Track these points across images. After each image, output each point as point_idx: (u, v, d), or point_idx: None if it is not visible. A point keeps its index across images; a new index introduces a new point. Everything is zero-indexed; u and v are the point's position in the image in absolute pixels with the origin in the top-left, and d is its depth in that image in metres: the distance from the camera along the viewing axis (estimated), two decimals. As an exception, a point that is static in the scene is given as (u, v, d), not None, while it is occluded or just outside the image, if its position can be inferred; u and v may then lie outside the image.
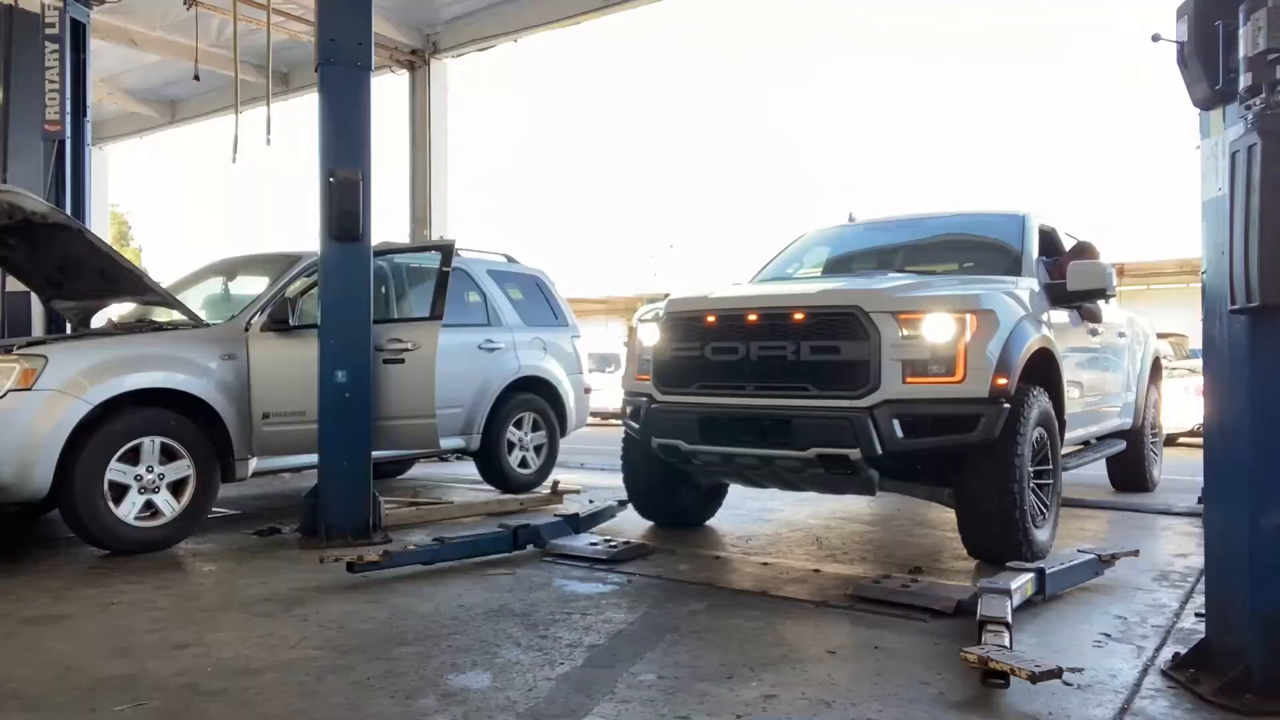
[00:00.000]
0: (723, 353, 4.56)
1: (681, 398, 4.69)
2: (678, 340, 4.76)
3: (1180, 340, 16.60)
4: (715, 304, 4.70)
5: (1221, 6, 2.69)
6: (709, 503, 5.72)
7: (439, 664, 3.07)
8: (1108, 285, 5.17)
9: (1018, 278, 5.05)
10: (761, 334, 4.45)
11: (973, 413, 4.13)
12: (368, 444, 5.22)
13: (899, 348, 4.17)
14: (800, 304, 4.43)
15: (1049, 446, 4.65)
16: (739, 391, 4.48)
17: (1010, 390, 4.21)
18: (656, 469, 5.25)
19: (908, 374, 4.15)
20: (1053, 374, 4.84)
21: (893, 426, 4.11)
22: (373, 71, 5.27)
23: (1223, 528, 2.88)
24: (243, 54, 9.81)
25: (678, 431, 4.67)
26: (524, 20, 10.72)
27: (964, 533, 4.49)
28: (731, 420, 4.48)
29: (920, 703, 2.73)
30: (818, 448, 4.23)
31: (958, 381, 4.14)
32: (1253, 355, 2.71)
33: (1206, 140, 2.90)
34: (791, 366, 4.34)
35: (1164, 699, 2.79)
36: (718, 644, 3.29)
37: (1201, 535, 4.13)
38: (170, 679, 2.93)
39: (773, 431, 4.35)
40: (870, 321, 4.20)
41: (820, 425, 4.22)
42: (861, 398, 4.16)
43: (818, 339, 4.30)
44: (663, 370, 4.81)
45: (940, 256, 5.88)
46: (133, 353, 5.00)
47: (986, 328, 4.23)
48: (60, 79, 7.63)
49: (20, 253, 5.78)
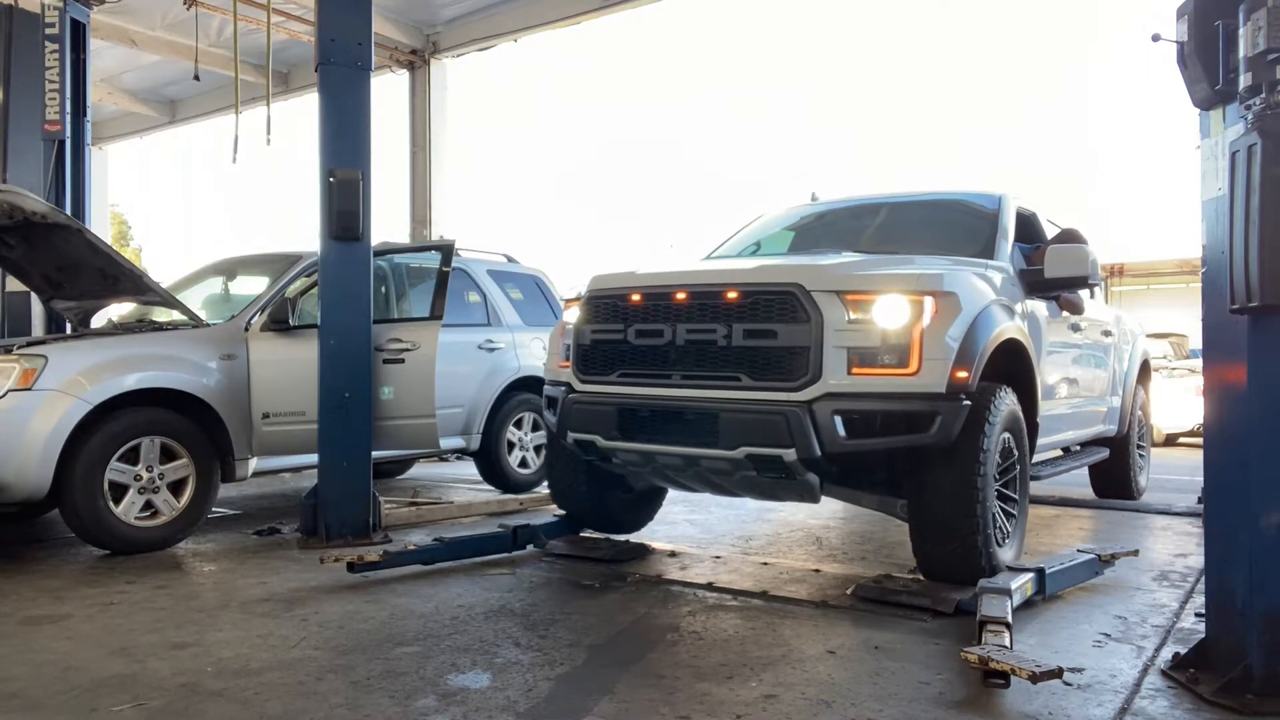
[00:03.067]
0: (647, 336, 4.06)
1: (601, 387, 4.20)
2: (599, 322, 4.24)
3: (1180, 340, 16.63)
4: (640, 281, 4.18)
5: (1221, 6, 2.69)
6: (645, 506, 5.21)
7: (439, 664, 3.07)
8: (1090, 272, 4.65)
9: (989, 261, 4.55)
10: (690, 315, 3.95)
11: (927, 410, 3.61)
12: (368, 444, 5.22)
13: (844, 333, 3.67)
14: (733, 282, 3.92)
15: (1017, 453, 4.15)
16: (664, 381, 3.99)
17: (972, 385, 3.70)
18: (582, 467, 4.73)
19: (854, 364, 3.66)
20: (1024, 370, 4.36)
21: (834, 424, 3.62)
22: (373, 71, 5.28)
23: (1223, 528, 2.88)
24: (243, 54, 9.82)
25: (594, 425, 4.18)
26: (524, 20, 10.72)
27: (916, 549, 3.92)
28: (653, 413, 4.00)
29: (920, 703, 2.73)
30: (747, 447, 3.74)
31: (911, 374, 3.63)
32: (1253, 355, 2.71)
33: (1206, 140, 2.90)
34: (722, 353, 3.85)
35: (1164, 699, 2.79)
36: (718, 644, 3.29)
37: (1201, 535, 4.13)
38: (170, 679, 2.93)
39: (698, 427, 3.86)
40: (811, 302, 3.70)
41: (751, 421, 3.73)
42: (799, 390, 3.67)
43: (752, 322, 3.79)
44: (582, 356, 4.30)
45: (907, 239, 5.23)
46: (132, 353, 5.00)
47: (947, 313, 3.72)
48: (60, 79, 7.63)
49: (20, 253, 5.78)
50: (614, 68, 57.01)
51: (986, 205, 5.21)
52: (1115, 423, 6.38)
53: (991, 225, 4.98)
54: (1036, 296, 4.78)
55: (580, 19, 10.37)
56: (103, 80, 13.01)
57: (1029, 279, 4.71)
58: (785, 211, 6.07)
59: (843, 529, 5.59)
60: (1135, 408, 6.75)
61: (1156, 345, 16.23)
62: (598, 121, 54.58)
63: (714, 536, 5.34)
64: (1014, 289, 4.51)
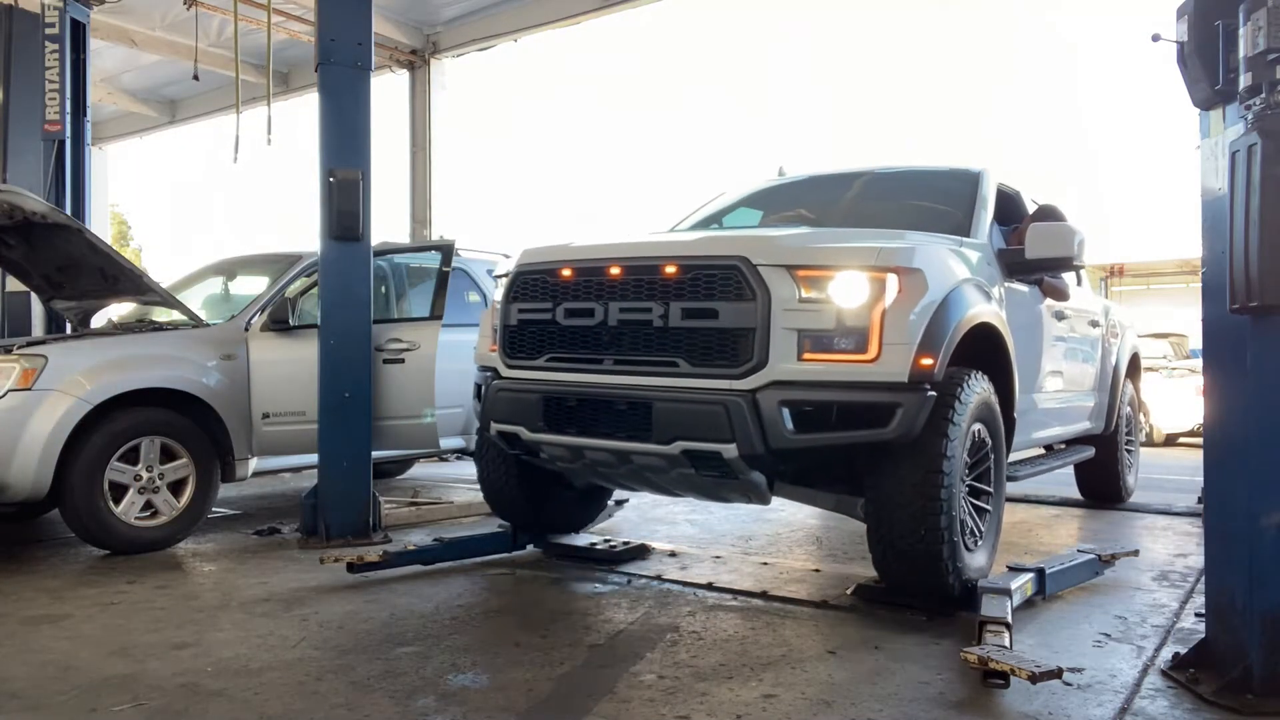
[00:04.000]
0: (577, 316, 3.69)
1: (528, 373, 3.86)
2: (526, 300, 3.88)
3: (1180, 340, 16.64)
4: (570, 255, 3.83)
5: (1221, 6, 2.69)
6: (589, 505, 4.88)
7: (439, 664, 3.07)
8: (1073, 252, 4.23)
9: (964, 239, 4.14)
10: (625, 293, 3.57)
11: (887, 401, 3.24)
12: (368, 444, 5.22)
13: (795, 314, 3.29)
14: (671, 255, 3.54)
15: (990, 448, 3.80)
16: (595, 366, 3.63)
17: (937, 373, 3.33)
18: (514, 464, 4.34)
19: (805, 348, 3.28)
20: (1000, 359, 3.97)
21: (781, 416, 3.25)
22: (373, 71, 5.28)
23: (1223, 528, 2.88)
24: (243, 54, 9.82)
25: (518, 415, 3.81)
26: (524, 20, 10.73)
27: (875, 555, 3.54)
28: (581, 402, 3.65)
29: (920, 703, 2.73)
30: (683, 441, 3.38)
31: (870, 360, 3.25)
32: (1253, 355, 2.71)
33: (1206, 140, 2.90)
34: (659, 335, 3.47)
35: (1164, 699, 2.79)
36: (718, 644, 3.29)
37: (1201, 535, 4.12)
38: (170, 679, 2.93)
39: (630, 419, 3.50)
40: (758, 278, 3.31)
41: (687, 412, 3.37)
42: (743, 378, 3.30)
43: (691, 300, 3.42)
44: (509, 338, 3.94)
45: (879, 214, 4.84)
46: (132, 352, 5.01)
47: (912, 291, 3.34)
48: (60, 79, 7.63)
49: (20, 253, 5.78)
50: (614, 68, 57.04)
51: (965, 179, 4.83)
52: (1102, 419, 6.08)
53: (969, 201, 4.58)
54: (1017, 279, 4.44)
55: (580, 19, 10.37)
56: (103, 80, 13.01)
57: (1009, 260, 4.36)
58: (750, 186, 5.67)
59: (843, 529, 5.59)
60: (1124, 403, 6.43)
61: (1156, 345, 16.26)
62: (598, 121, 54.59)
63: (714, 536, 5.34)
64: (992, 270, 4.15)
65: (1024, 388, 4.34)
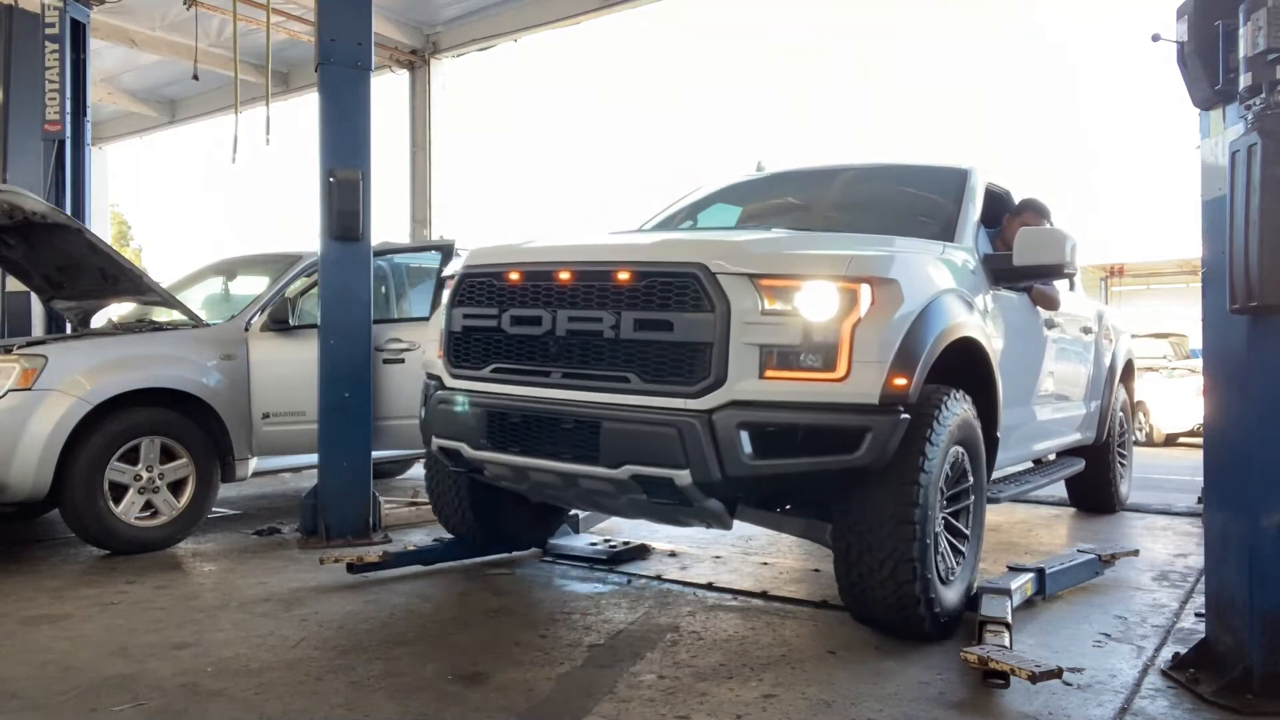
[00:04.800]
0: (524, 324, 3.42)
1: (472, 384, 3.60)
2: (472, 305, 3.63)
3: (1180, 340, 16.66)
4: (519, 257, 3.58)
5: (1221, 6, 2.69)
6: (547, 518, 4.59)
7: (439, 664, 3.07)
8: (1065, 259, 3.92)
9: (947, 244, 3.89)
10: (574, 300, 3.30)
11: (856, 424, 2.99)
12: (368, 444, 5.22)
13: (757, 327, 3.02)
14: (624, 260, 3.26)
15: (970, 469, 3.54)
16: (542, 379, 3.36)
17: (911, 394, 3.07)
18: (464, 478, 4.07)
19: (768, 365, 3.02)
20: (983, 375, 3.72)
21: (739, 440, 2.99)
22: (373, 71, 5.28)
23: (1223, 528, 2.88)
24: (243, 54, 9.81)
25: (460, 430, 3.57)
26: (524, 20, 10.72)
27: (841, 586, 3.31)
28: (526, 419, 3.38)
29: (920, 703, 2.73)
30: (632, 466, 3.11)
31: (838, 380, 2.99)
32: (1253, 355, 2.71)
33: (1206, 140, 2.90)
34: (610, 347, 3.20)
35: (1164, 699, 2.79)
36: (718, 644, 3.29)
37: (1201, 535, 4.13)
38: (170, 679, 2.93)
39: (578, 439, 3.24)
40: (716, 287, 3.04)
41: (637, 434, 3.10)
42: (698, 396, 3.03)
43: (645, 310, 3.14)
44: (454, 345, 3.69)
45: (858, 214, 4.57)
46: (132, 352, 5.01)
47: (887, 304, 3.09)
48: (60, 79, 7.63)
49: (20, 253, 5.78)
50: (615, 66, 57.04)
51: (951, 178, 4.51)
52: (1093, 430, 5.79)
53: (954, 202, 4.29)
54: (1004, 286, 4.15)
55: (580, 19, 10.36)
56: (103, 80, 13.00)
57: (996, 268, 4.06)
58: (726, 181, 5.36)
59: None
60: (1116, 410, 6.17)
61: (1156, 345, 16.28)
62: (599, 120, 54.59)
63: (714, 536, 5.34)
64: (976, 278, 3.88)
65: (1011, 402, 4.09)
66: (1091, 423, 5.75)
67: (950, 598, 3.33)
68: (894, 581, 3.13)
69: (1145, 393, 13.85)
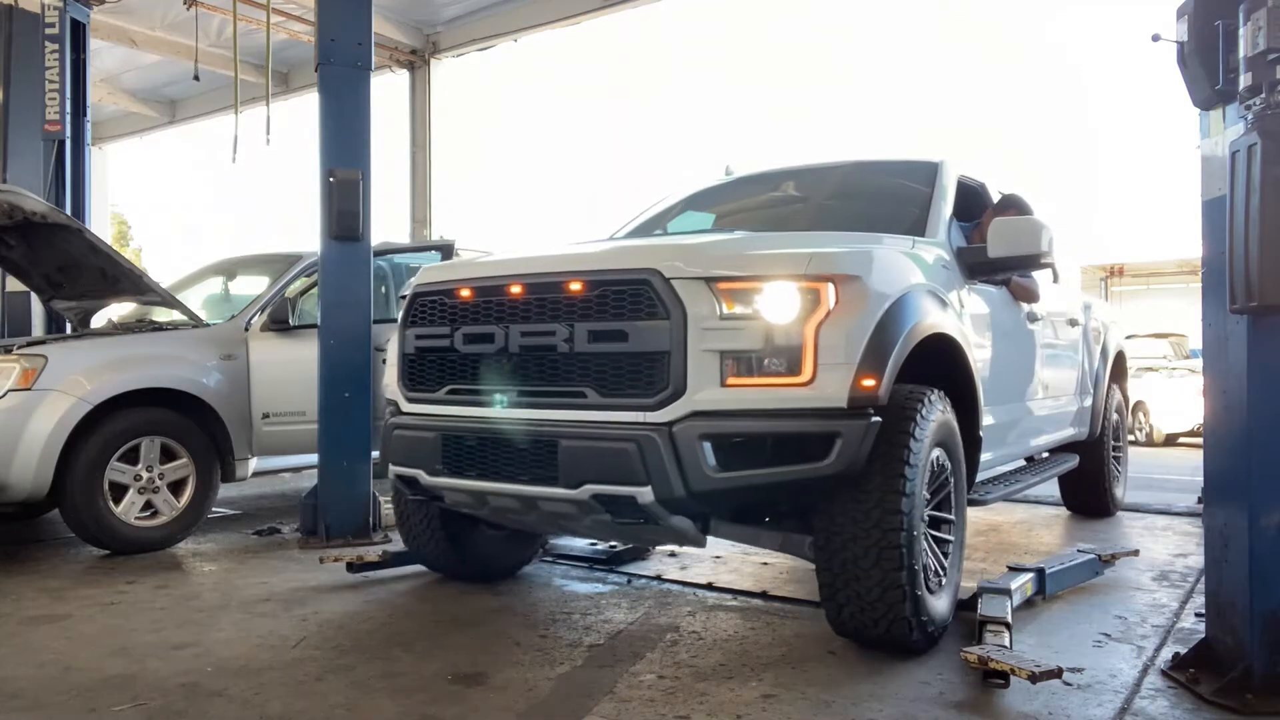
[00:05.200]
0: (476, 342, 3.29)
1: (427, 408, 3.48)
2: (425, 325, 3.50)
3: (1180, 340, 16.68)
4: (469, 272, 3.46)
5: (1221, 6, 2.69)
6: (519, 545, 4.31)
7: (439, 664, 3.07)
8: (1041, 249, 3.79)
9: (917, 239, 3.77)
10: (527, 314, 3.18)
11: (824, 430, 2.85)
12: (368, 444, 5.22)
13: (716, 333, 2.89)
14: (575, 269, 3.13)
15: (950, 471, 3.39)
16: (497, 399, 3.25)
17: (881, 395, 2.92)
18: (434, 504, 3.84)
19: (729, 372, 2.89)
20: (960, 372, 3.56)
21: (702, 452, 2.85)
22: (373, 71, 5.28)
23: (1223, 528, 2.88)
24: (243, 54, 9.82)
25: (416, 457, 3.43)
26: (524, 20, 10.72)
27: (828, 607, 3.14)
28: (482, 442, 3.25)
29: (920, 703, 2.73)
30: (592, 485, 2.97)
31: (803, 384, 2.86)
32: (1253, 355, 2.71)
33: (1206, 140, 2.90)
34: (564, 362, 3.08)
35: (1164, 699, 2.79)
36: (718, 644, 3.29)
37: (1201, 535, 4.12)
38: (170, 679, 2.93)
39: (535, 459, 3.09)
40: (671, 293, 2.91)
41: (594, 451, 2.96)
42: (658, 408, 2.90)
43: (599, 320, 3.02)
44: (408, 368, 3.57)
45: (827, 216, 4.47)
46: (132, 353, 5.01)
47: (852, 302, 2.95)
48: (60, 79, 7.64)
49: (20, 253, 5.78)
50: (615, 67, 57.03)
51: (921, 172, 4.38)
52: (1086, 424, 5.65)
53: (925, 196, 4.16)
54: (981, 281, 4.05)
55: (580, 19, 10.37)
56: (103, 80, 13.01)
57: (971, 262, 3.94)
58: (692, 187, 5.24)
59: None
60: (1110, 409, 5.99)
61: (1156, 345, 16.30)
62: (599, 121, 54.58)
63: (714, 536, 5.34)
64: (949, 272, 3.76)
65: (994, 400, 4.00)
66: (1084, 417, 5.63)
67: (939, 607, 3.20)
68: (882, 600, 2.99)
69: (1145, 393, 13.87)
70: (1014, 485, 4.49)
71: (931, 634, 3.13)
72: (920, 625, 3.05)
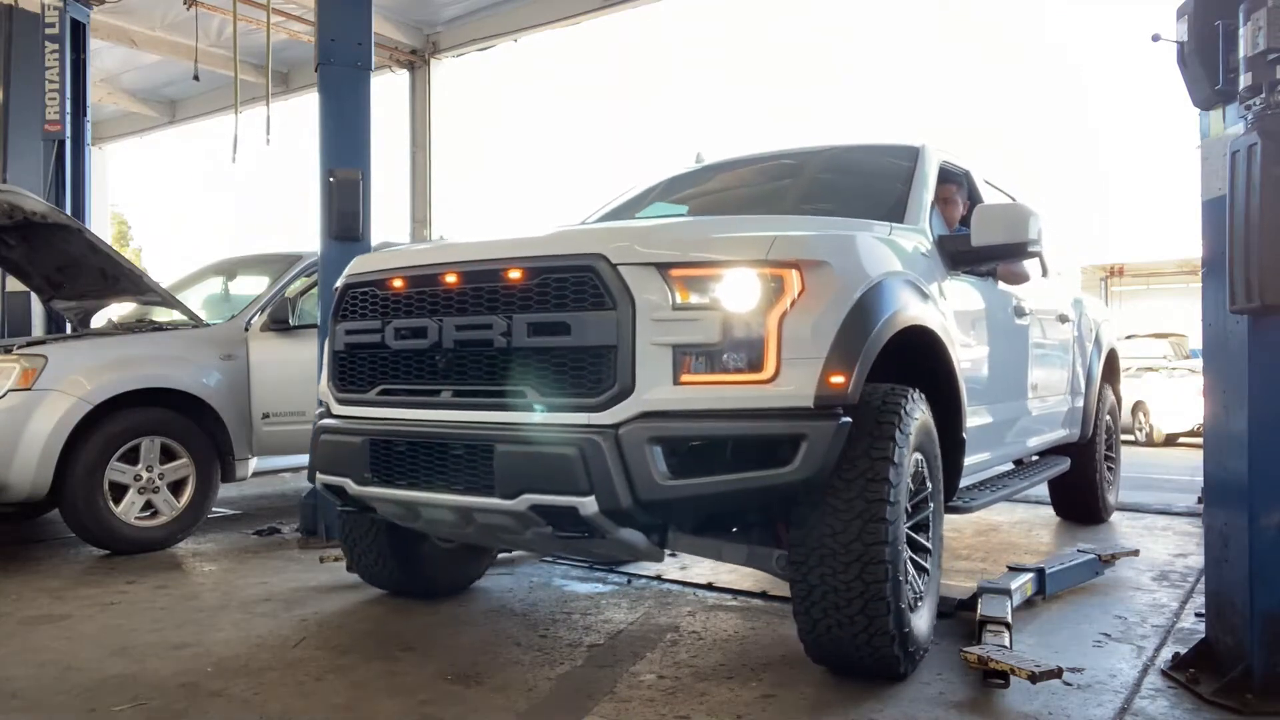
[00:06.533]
0: (409, 336, 3.01)
1: (358, 409, 3.18)
2: (355, 319, 3.22)
3: (1180, 340, 16.70)
4: (403, 261, 3.19)
5: (1221, 6, 2.69)
6: (475, 558, 4.05)
7: (439, 664, 3.07)
8: (1028, 236, 3.55)
9: (894, 225, 3.48)
10: (463, 305, 2.90)
11: (788, 433, 2.58)
12: (368, 444, 5.21)
13: (668, 325, 2.62)
14: (514, 256, 2.85)
15: (928, 477, 3.11)
16: (431, 399, 2.96)
17: (851, 393, 2.65)
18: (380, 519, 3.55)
19: (683, 369, 2.62)
20: (942, 368, 3.30)
21: (652, 457, 2.57)
22: (373, 71, 5.28)
23: (1223, 528, 2.88)
24: (243, 54, 9.81)
25: (343, 464, 3.13)
26: (524, 20, 10.72)
27: (802, 627, 2.83)
28: (413, 447, 2.94)
29: (920, 703, 2.73)
30: (530, 494, 2.67)
31: (765, 381, 2.60)
32: (1253, 355, 2.71)
33: (1206, 140, 2.90)
34: (502, 358, 2.80)
35: (1164, 699, 2.79)
36: (718, 644, 3.29)
37: (1201, 535, 4.12)
38: (170, 679, 2.93)
39: (470, 466, 2.79)
40: (619, 281, 2.64)
41: (533, 457, 2.68)
42: (603, 409, 2.62)
43: (540, 311, 2.74)
44: (338, 367, 3.28)
45: (801, 203, 4.19)
46: (132, 352, 5.01)
47: (819, 291, 2.69)
48: (60, 79, 7.65)
49: (20, 253, 5.79)
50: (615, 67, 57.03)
51: (901, 157, 4.14)
52: (1078, 425, 5.39)
53: (904, 181, 3.91)
54: (964, 271, 3.80)
55: (580, 19, 10.37)
56: (103, 80, 13.00)
57: (952, 249, 3.69)
58: (661, 175, 4.96)
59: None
60: (1103, 410, 5.72)
61: (1156, 345, 16.31)
62: (599, 121, 54.58)
63: (714, 536, 5.34)
64: (930, 261, 3.50)
65: (980, 400, 3.81)
66: (1076, 418, 5.39)
67: (920, 626, 2.94)
68: (865, 620, 2.71)
69: (1145, 393, 13.88)
70: (1001, 490, 4.24)
71: (913, 654, 2.88)
72: (906, 649, 2.80)
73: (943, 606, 3.43)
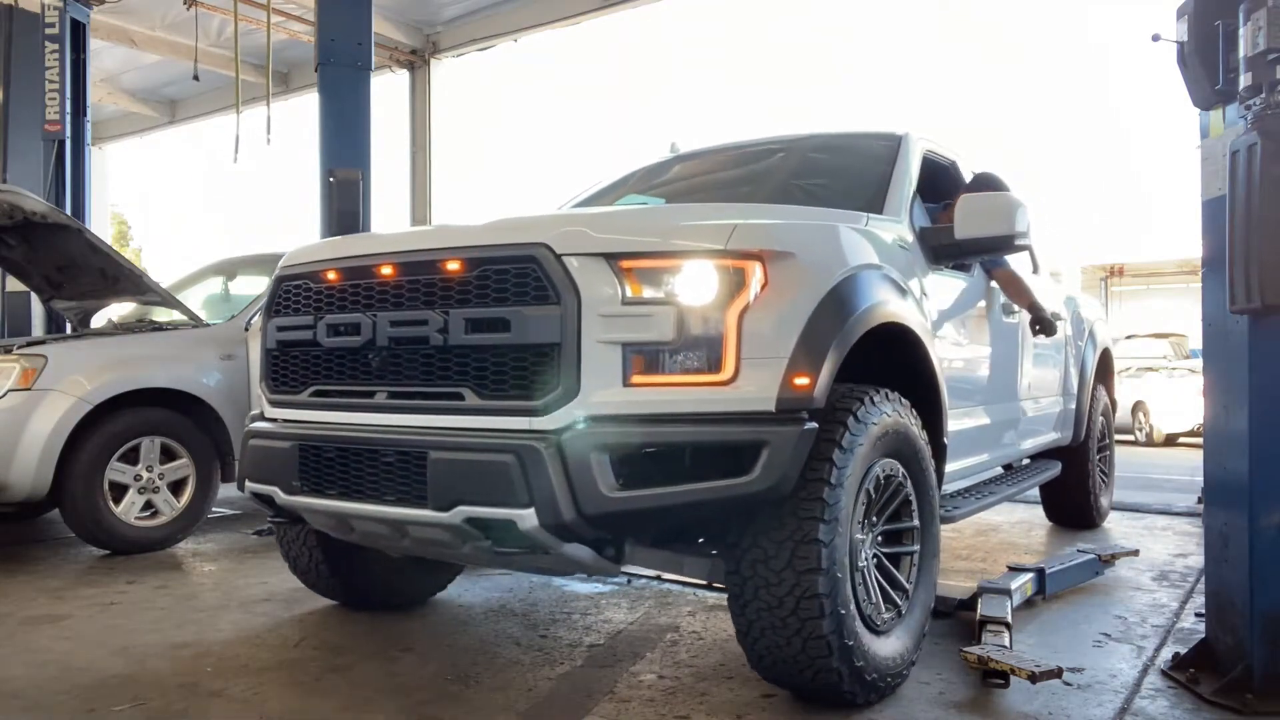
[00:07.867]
0: (341, 333, 2.79)
1: (289, 412, 2.99)
2: (287, 315, 3.02)
3: (1180, 340, 16.69)
4: (335, 251, 2.97)
5: (1221, 6, 2.69)
6: (426, 572, 3.77)
7: (439, 664, 3.07)
8: (1015, 229, 3.33)
9: (871, 216, 3.27)
10: (398, 300, 2.69)
11: (748, 439, 2.37)
12: (368, 444, 5.21)
13: (617, 321, 2.41)
14: (452, 246, 2.65)
15: (910, 490, 2.86)
16: (364, 401, 2.76)
17: (817, 396, 2.44)
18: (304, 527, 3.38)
19: (633, 369, 2.41)
20: (922, 368, 3.08)
21: (598, 467, 2.34)
22: (373, 71, 5.29)
23: (1223, 528, 2.88)
24: (243, 54, 9.82)
25: (271, 471, 2.91)
26: (524, 20, 10.74)
27: (743, 640, 2.61)
28: (344, 454, 2.72)
29: (920, 703, 2.72)
30: (464, 506, 2.44)
31: (724, 382, 2.40)
32: (1253, 355, 2.71)
33: (1206, 140, 2.90)
34: (439, 356, 2.59)
35: (1164, 699, 2.79)
36: (718, 644, 3.29)
37: (1201, 535, 4.12)
38: (170, 679, 2.93)
39: (402, 475, 2.57)
40: (563, 272, 2.42)
41: (469, 465, 2.45)
42: (545, 413, 2.41)
43: (479, 305, 2.53)
44: (270, 365, 3.09)
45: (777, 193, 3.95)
46: (133, 352, 5.01)
47: (784, 284, 2.49)
48: (60, 79, 7.65)
49: (20, 253, 5.79)
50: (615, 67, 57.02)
51: (882, 145, 3.95)
52: (1069, 428, 5.21)
53: (884, 171, 3.71)
54: (948, 266, 3.62)
55: (580, 19, 10.39)
56: (103, 80, 13.02)
57: (935, 242, 3.49)
58: (634, 172, 4.71)
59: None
60: (1096, 412, 5.52)
61: (1156, 345, 16.31)
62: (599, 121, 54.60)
63: (714, 536, 5.34)
64: (910, 255, 3.29)
65: (964, 402, 3.67)
66: (1068, 420, 5.20)
67: (884, 651, 2.65)
68: (799, 639, 2.46)
69: (1145, 393, 13.88)
70: (988, 498, 4.01)
71: (873, 683, 2.59)
72: (852, 666, 2.51)
73: (942, 606, 3.43)
